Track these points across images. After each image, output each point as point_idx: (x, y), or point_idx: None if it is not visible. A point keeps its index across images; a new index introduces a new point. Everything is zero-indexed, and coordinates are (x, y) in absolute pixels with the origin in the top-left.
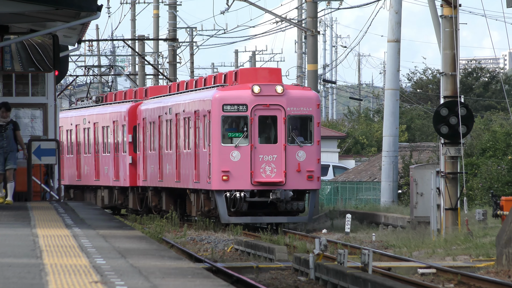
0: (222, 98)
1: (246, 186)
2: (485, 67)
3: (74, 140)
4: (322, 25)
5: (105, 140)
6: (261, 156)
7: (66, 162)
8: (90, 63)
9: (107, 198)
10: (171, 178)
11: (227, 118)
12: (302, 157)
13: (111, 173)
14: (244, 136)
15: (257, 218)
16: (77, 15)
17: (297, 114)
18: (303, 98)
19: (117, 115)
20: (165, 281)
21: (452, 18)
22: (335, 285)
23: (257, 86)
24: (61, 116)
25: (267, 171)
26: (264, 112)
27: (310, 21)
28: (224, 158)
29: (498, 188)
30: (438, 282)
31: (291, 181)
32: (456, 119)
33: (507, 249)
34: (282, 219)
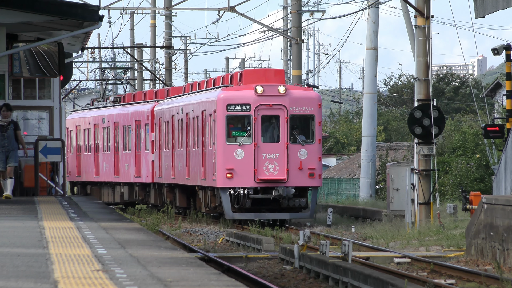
0: (227, 98)
1: (250, 183)
2: (455, 73)
3: (92, 139)
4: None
5: (126, 139)
6: (264, 154)
7: (83, 159)
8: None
9: (127, 194)
10: (182, 176)
11: (231, 117)
12: (304, 155)
13: (132, 170)
14: (248, 135)
15: (260, 214)
16: (81, 25)
17: (299, 113)
18: (305, 98)
19: (139, 115)
20: (162, 270)
21: (425, 28)
22: (318, 274)
23: (260, 86)
24: (78, 116)
25: (270, 169)
26: (267, 112)
27: (294, 30)
28: (228, 156)
29: (468, 184)
30: (412, 270)
31: (293, 179)
32: (429, 120)
33: (475, 240)
34: (285, 215)
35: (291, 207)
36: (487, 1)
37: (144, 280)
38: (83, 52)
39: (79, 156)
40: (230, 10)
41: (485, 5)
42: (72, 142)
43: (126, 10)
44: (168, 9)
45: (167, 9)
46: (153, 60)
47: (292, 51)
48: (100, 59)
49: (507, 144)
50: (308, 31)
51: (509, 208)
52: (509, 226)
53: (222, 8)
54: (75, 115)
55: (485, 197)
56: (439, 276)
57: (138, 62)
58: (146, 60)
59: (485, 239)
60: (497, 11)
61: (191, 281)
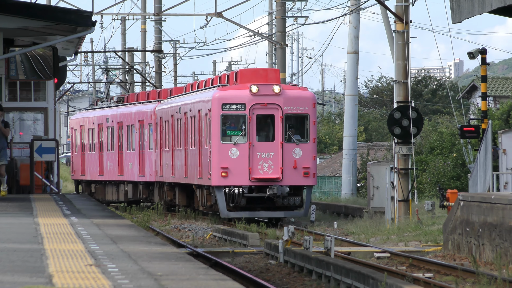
0: (222, 98)
1: (245, 182)
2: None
3: (96, 138)
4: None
5: (130, 138)
6: (259, 153)
7: (88, 158)
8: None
9: (131, 192)
10: (181, 174)
11: (226, 116)
12: (298, 154)
13: (136, 169)
14: (243, 134)
15: (255, 213)
16: (74, 30)
17: (293, 113)
18: (299, 98)
19: (143, 114)
20: (152, 264)
21: (404, 33)
22: (302, 268)
23: (255, 86)
24: (82, 116)
25: (265, 168)
26: (262, 111)
27: (279, 35)
28: (223, 155)
29: (445, 182)
30: (392, 264)
31: (288, 177)
32: (407, 121)
33: (452, 236)
34: (279, 214)
35: (286, 205)
36: (463, 7)
37: (135, 274)
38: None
39: (83, 155)
40: (218, 16)
41: (461, 11)
42: (76, 142)
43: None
44: (158, 15)
45: (157, 15)
46: (143, 64)
47: (276, 55)
48: (93, 62)
49: (482, 143)
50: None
51: (484, 205)
52: (484, 222)
53: (210, 14)
54: (80, 115)
55: (461, 194)
56: (418, 270)
57: (129, 65)
58: (137, 63)
59: (462, 234)
60: (473, 16)
61: (180, 275)
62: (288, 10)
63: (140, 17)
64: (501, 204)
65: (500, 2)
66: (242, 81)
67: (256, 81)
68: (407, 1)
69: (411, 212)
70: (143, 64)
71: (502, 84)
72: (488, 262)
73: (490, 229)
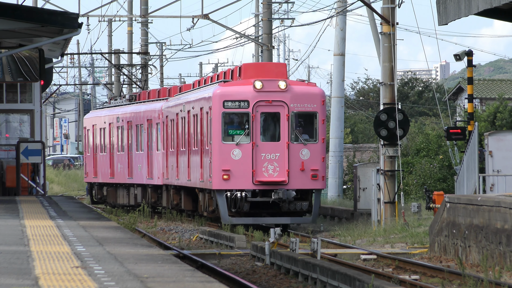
0: (223, 94)
1: (248, 185)
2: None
3: (107, 139)
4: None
5: (138, 138)
6: (263, 154)
7: (100, 160)
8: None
9: (140, 196)
10: (185, 177)
11: (228, 115)
12: (306, 155)
13: (145, 171)
14: (246, 134)
15: (259, 219)
16: (61, 32)
17: (301, 110)
18: (307, 94)
19: (151, 113)
20: (138, 266)
21: (390, 35)
22: (288, 270)
23: (259, 81)
24: (94, 115)
25: (270, 170)
26: (266, 109)
27: (265, 37)
28: (225, 156)
29: (431, 184)
30: (378, 266)
31: (295, 181)
32: (394, 123)
33: (438, 238)
34: (285, 220)
35: (292, 211)
36: (450, 9)
37: (121, 276)
38: (63, 58)
39: (95, 157)
40: (204, 18)
41: (448, 13)
42: (89, 142)
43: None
44: (144, 17)
45: (144, 17)
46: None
47: (263, 57)
48: (79, 64)
49: (469, 145)
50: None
51: (470, 207)
52: (470, 224)
53: (196, 16)
54: (92, 114)
55: (447, 196)
56: (404, 272)
57: (115, 67)
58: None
59: (448, 236)
60: (459, 18)
61: (167, 277)
62: (274, 12)
63: (127, 19)
64: (487, 206)
65: (487, 4)
66: (246, 76)
67: (261, 77)
68: (394, 3)
69: (397, 214)
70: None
71: (488, 86)
72: (474, 264)
73: (477, 231)
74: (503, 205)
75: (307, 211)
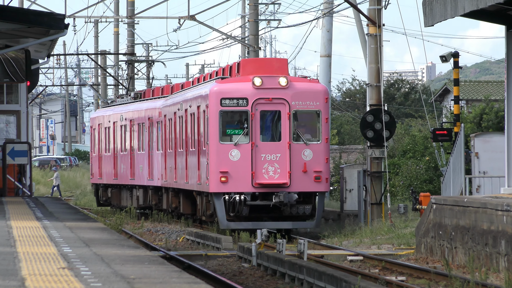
0: (220, 92)
1: (247, 188)
2: (406, 79)
3: (111, 138)
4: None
5: (140, 138)
6: (263, 155)
7: (104, 160)
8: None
9: (142, 198)
10: (182, 179)
11: (226, 113)
12: (308, 156)
13: (146, 172)
14: (245, 133)
15: (259, 223)
16: (47, 33)
17: (303, 108)
18: (309, 91)
19: (151, 112)
20: (125, 267)
21: (376, 36)
22: (275, 271)
23: (259, 78)
24: (100, 114)
25: (270, 172)
26: (266, 107)
27: (252, 38)
28: (223, 157)
29: (417, 185)
30: (365, 267)
31: (296, 183)
32: (380, 124)
33: (425, 239)
34: (287, 224)
35: (294, 215)
36: (436, 10)
37: (108, 278)
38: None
39: (100, 157)
40: (190, 19)
41: (434, 14)
42: (95, 142)
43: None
44: (131, 18)
45: (130, 18)
46: (116, 66)
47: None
48: (66, 65)
49: (455, 147)
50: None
51: (457, 208)
52: (457, 225)
53: (183, 17)
54: (98, 113)
55: (434, 197)
56: (391, 273)
57: (101, 68)
58: (109, 66)
59: (434, 237)
60: (446, 20)
61: (153, 278)
62: (261, 13)
63: (113, 20)
64: (474, 207)
65: (473, 6)
66: (245, 72)
67: (260, 73)
68: (380, 5)
69: (384, 215)
70: (115, 67)
71: (474, 87)
72: (460, 265)
73: (463, 232)
74: (489, 207)
75: (310, 215)
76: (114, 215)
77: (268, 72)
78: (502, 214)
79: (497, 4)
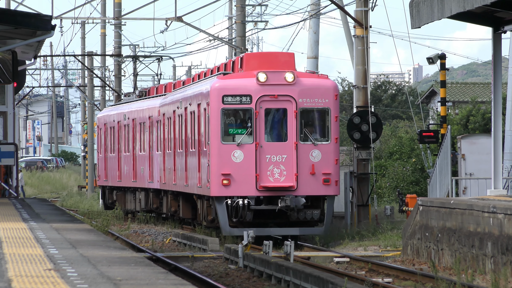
0: (222, 88)
1: (251, 192)
2: (392, 81)
3: (116, 138)
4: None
5: (141, 138)
6: (268, 156)
7: (109, 161)
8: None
9: (144, 201)
10: (182, 182)
11: (228, 111)
12: (317, 157)
13: (146, 173)
14: (248, 133)
15: (263, 229)
16: (34, 34)
17: (311, 106)
18: (318, 88)
19: (152, 110)
20: (111, 269)
21: (363, 38)
22: (261, 272)
23: (263, 73)
24: (105, 113)
25: (275, 174)
26: (271, 105)
27: (239, 39)
28: (225, 159)
29: (404, 187)
30: (351, 269)
31: (304, 186)
32: (367, 126)
33: (411, 241)
34: (293, 230)
35: (302, 220)
36: (423, 12)
37: (95, 279)
38: (36, 60)
39: (106, 158)
40: (178, 20)
41: (421, 16)
42: (101, 142)
43: (78, 19)
44: (118, 19)
45: (117, 19)
46: (103, 68)
47: None
48: (52, 66)
49: (442, 149)
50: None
51: (443, 210)
52: (443, 227)
53: (170, 18)
54: (104, 112)
55: (420, 199)
56: (377, 275)
57: (88, 69)
58: (96, 67)
59: (421, 239)
60: (432, 21)
61: (140, 279)
62: (248, 14)
63: (100, 21)
64: (460, 209)
65: (460, 8)
66: (248, 68)
67: (265, 68)
68: (367, 7)
69: (370, 216)
70: (102, 68)
71: (461, 89)
72: (447, 267)
73: (449, 234)
74: (475, 208)
75: (319, 220)
76: (100, 216)
77: (274, 67)
78: (488, 216)
79: (484, 6)
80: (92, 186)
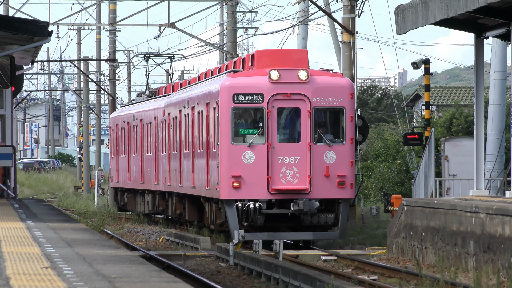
0: (233, 87)
1: (262, 194)
2: (378, 85)
3: (126, 139)
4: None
5: (148, 139)
6: (280, 157)
7: (120, 163)
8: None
9: (151, 203)
10: (188, 184)
11: (239, 110)
12: (331, 159)
13: (153, 175)
14: (260, 133)
15: (275, 234)
16: (31, 39)
17: (325, 106)
18: (332, 86)
19: (158, 110)
20: (106, 267)
21: (350, 44)
22: (251, 270)
23: (275, 71)
24: (117, 114)
25: (288, 177)
26: (284, 104)
27: (230, 45)
28: (235, 160)
29: (389, 187)
30: (338, 267)
31: (318, 189)
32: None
33: (396, 239)
34: (307, 235)
35: (315, 224)
36: (408, 18)
37: (90, 277)
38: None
39: (118, 160)
40: (170, 26)
41: (406, 23)
42: (113, 143)
43: (74, 26)
44: (113, 25)
45: (112, 25)
46: (98, 72)
47: None
48: (49, 71)
49: (426, 151)
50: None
51: (427, 209)
52: (427, 226)
53: (163, 24)
54: (117, 113)
55: (405, 199)
56: (363, 272)
57: (84, 74)
58: (91, 72)
59: (405, 238)
60: (417, 28)
61: (134, 277)
62: (238, 21)
63: (95, 27)
64: (444, 209)
65: (443, 14)
66: (260, 65)
67: (278, 66)
68: (354, 13)
69: (357, 216)
70: (97, 73)
71: (444, 93)
72: (431, 265)
73: (433, 233)
74: (458, 208)
75: (333, 224)
76: (95, 216)
77: (286, 65)
78: (471, 215)
79: (467, 12)
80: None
